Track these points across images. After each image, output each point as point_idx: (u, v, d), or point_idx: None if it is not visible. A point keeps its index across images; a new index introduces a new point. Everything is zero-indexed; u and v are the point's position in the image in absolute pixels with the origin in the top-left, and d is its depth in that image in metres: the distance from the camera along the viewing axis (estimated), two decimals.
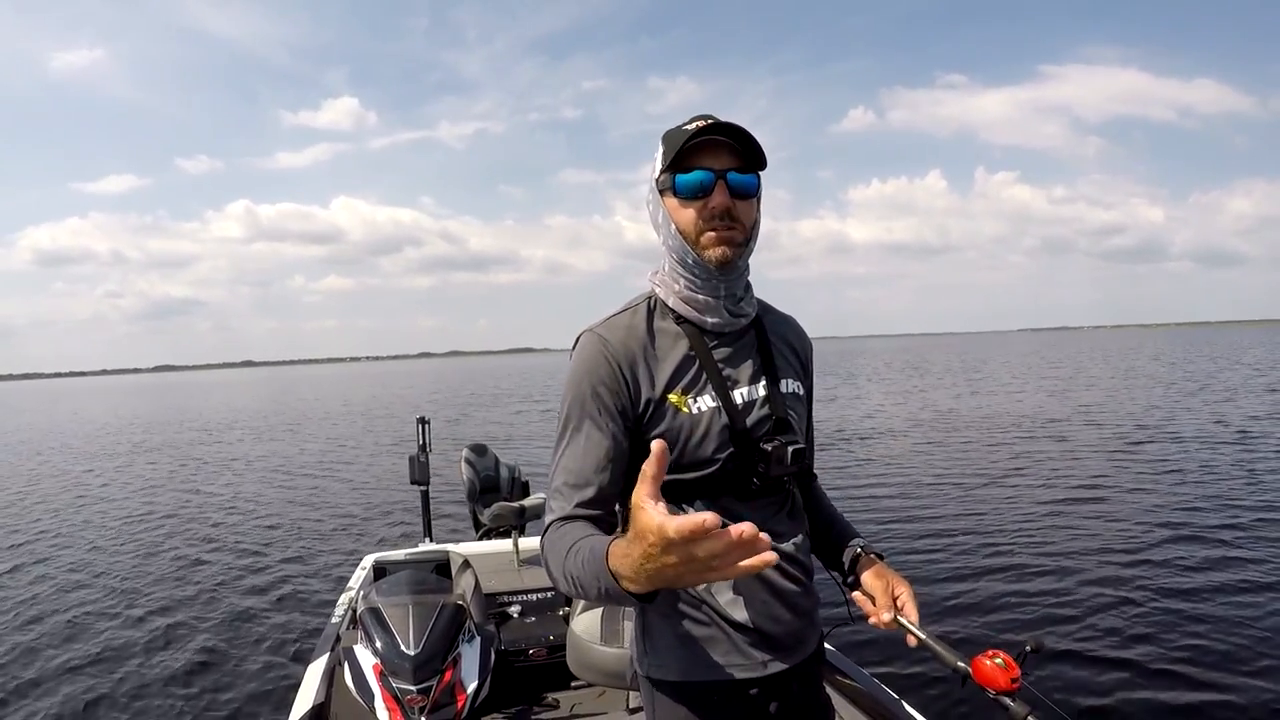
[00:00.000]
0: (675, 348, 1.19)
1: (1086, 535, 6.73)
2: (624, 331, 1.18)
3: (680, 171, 1.14)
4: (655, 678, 1.22)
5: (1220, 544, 6.23)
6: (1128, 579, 5.46)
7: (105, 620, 5.60)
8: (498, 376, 60.25)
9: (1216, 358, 38.73)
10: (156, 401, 47.32)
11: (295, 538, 8.06)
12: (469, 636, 2.43)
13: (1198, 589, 5.21)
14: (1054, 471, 9.77)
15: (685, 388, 1.17)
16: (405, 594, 2.44)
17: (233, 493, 11.20)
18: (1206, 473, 9.22)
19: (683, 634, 1.19)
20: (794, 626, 1.22)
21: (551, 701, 2.89)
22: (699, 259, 1.16)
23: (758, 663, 1.19)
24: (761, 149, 1.13)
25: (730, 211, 1.13)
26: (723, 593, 1.18)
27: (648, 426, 1.15)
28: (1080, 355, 51.70)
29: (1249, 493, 8.05)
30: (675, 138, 1.15)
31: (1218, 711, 3.67)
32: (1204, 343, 69.85)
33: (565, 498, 1.12)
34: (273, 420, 26.07)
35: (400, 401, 33.99)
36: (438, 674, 2.23)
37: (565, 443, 1.15)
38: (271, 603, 5.85)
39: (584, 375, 1.15)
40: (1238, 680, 3.92)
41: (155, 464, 15.30)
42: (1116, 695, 3.82)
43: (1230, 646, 4.30)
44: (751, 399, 1.21)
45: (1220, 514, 7.20)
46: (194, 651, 4.89)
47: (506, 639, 3.02)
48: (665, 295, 1.22)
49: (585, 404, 1.14)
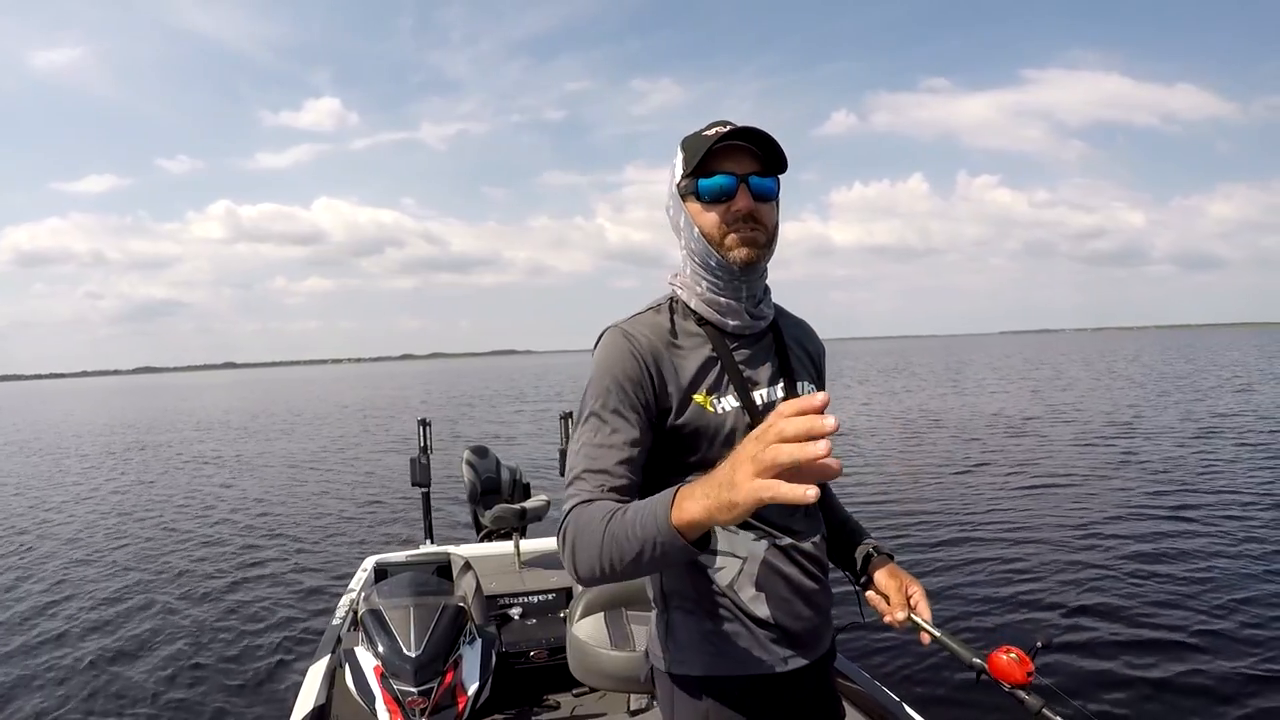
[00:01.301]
0: (699, 349, 1.21)
1: (1085, 527, 6.82)
2: (649, 328, 1.20)
3: (703, 176, 1.17)
4: (677, 673, 1.23)
5: (1224, 535, 6.34)
6: (1129, 570, 5.54)
7: (105, 621, 5.59)
8: (487, 378, 60.34)
9: (1205, 359, 39.02)
10: (145, 403, 47.30)
11: (296, 539, 8.05)
12: (470, 638, 2.43)
13: (1201, 577, 5.31)
14: (1046, 469, 9.84)
15: (710, 388, 1.19)
16: (406, 596, 2.43)
17: (232, 494, 11.18)
18: (1205, 467, 9.39)
19: (706, 630, 1.21)
20: (813, 623, 1.25)
21: (552, 703, 2.88)
22: (723, 261, 1.19)
23: (779, 659, 1.21)
24: (783, 152, 1.17)
25: (753, 214, 1.17)
26: (745, 589, 1.20)
27: (674, 423, 1.16)
28: (1061, 357, 52.40)
29: (1251, 485, 8.18)
30: (697, 143, 1.18)
31: (1223, 692, 3.75)
32: (1185, 345, 70.50)
33: (590, 483, 1.10)
34: (269, 422, 26.07)
35: (396, 403, 34.02)
36: (439, 676, 2.22)
37: (589, 430, 1.14)
38: (272, 604, 5.84)
39: (610, 368, 1.16)
40: (1244, 663, 3.98)
41: (152, 465, 15.28)
42: (1125, 685, 3.88)
43: (1235, 629, 4.40)
44: (771, 400, 1.23)
45: (1225, 506, 7.35)
46: (195, 652, 4.89)
47: (507, 641, 3.01)
48: (687, 298, 1.24)
49: (611, 396, 1.14)
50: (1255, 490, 8.06)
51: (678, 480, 1.15)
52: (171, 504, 10.62)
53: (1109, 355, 51.95)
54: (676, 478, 1.15)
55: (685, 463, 1.18)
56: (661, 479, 1.18)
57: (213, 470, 14.13)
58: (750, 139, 1.16)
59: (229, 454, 16.62)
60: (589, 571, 1.02)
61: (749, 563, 1.20)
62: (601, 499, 1.07)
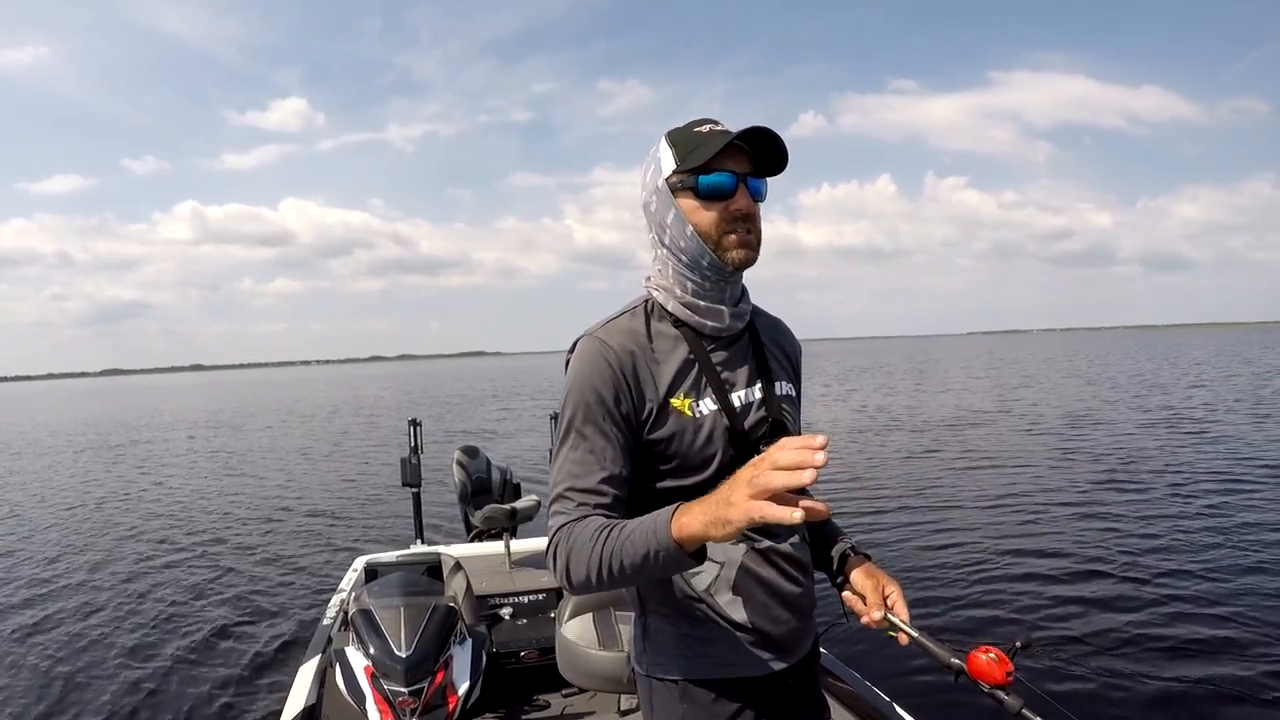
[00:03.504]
0: (675, 351, 1.19)
1: (1065, 528, 6.87)
2: (624, 335, 1.19)
3: (702, 173, 1.14)
4: (655, 676, 1.23)
5: (1207, 531, 6.44)
6: (1110, 572, 5.57)
7: (93, 621, 5.57)
8: (465, 379, 60.22)
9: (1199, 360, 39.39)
10: (119, 405, 46.85)
11: (286, 539, 8.03)
12: (460, 638, 2.43)
13: (1181, 575, 5.38)
14: (1024, 468, 9.89)
15: (687, 391, 1.18)
16: (397, 596, 2.43)
17: (222, 496, 11.12)
18: (1185, 467, 9.44)
19: (683, 633, 1.21)
20: (793, 627, 1.24)
21: (542, 703, 2.89)
22: (716, 261, 1.17)
23: (757, 662, 1.20)
24: (787, 156, 1.15)
25: (751, 214, 1.16)
26: (722, 593, 1.19)
27: (652, 429, 1.15)
28: (1030, 358, 52.74)
29: (1239, 487, 8.23)
30: (692, 139, 1.15)
31: (1202, 695, 3.77)
32: (1149, 344, 71.28)
33: (574, 500, 1.12)
34: (253, 423, 25.89)
35: (379, 404, 33.89)
36: (429, 676, 2.22)
37: (569, 447, 1.15)
38: (262, 604, 5.82)
39: (585, 380, 1.15)
40: (1224, 668, 4.00)
41: (137, 467, 15.19)
42: (1104, 685, 3.91)
43: (1214, 632, 4.43)
44: (749, 401, 1.22)
45: (1205, 504, 7.42)
46: (185, 652, 4.87)
47: (498, 641, 3.02)
48: (664, 299, 1.22)
49: (588, 409, 1.13)
50: (1245, 491, 8.10)
51: (661, 484, 1.16)
52: (160, 505, 10.55)
53: (1074, 355, 52.63)
54: (659, 481, 1.17)
55: (667, 467, 1.17)
56: (645, 483, 1.19)
57: (203, 472, 14.05)
58: (760, 140, 1.13)
59: (217, 456, 16.53)
60: (583, 585, 1.06)
61: (726, 568, 1.19)
62: (590, 515, 1.09)
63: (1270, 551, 5.83)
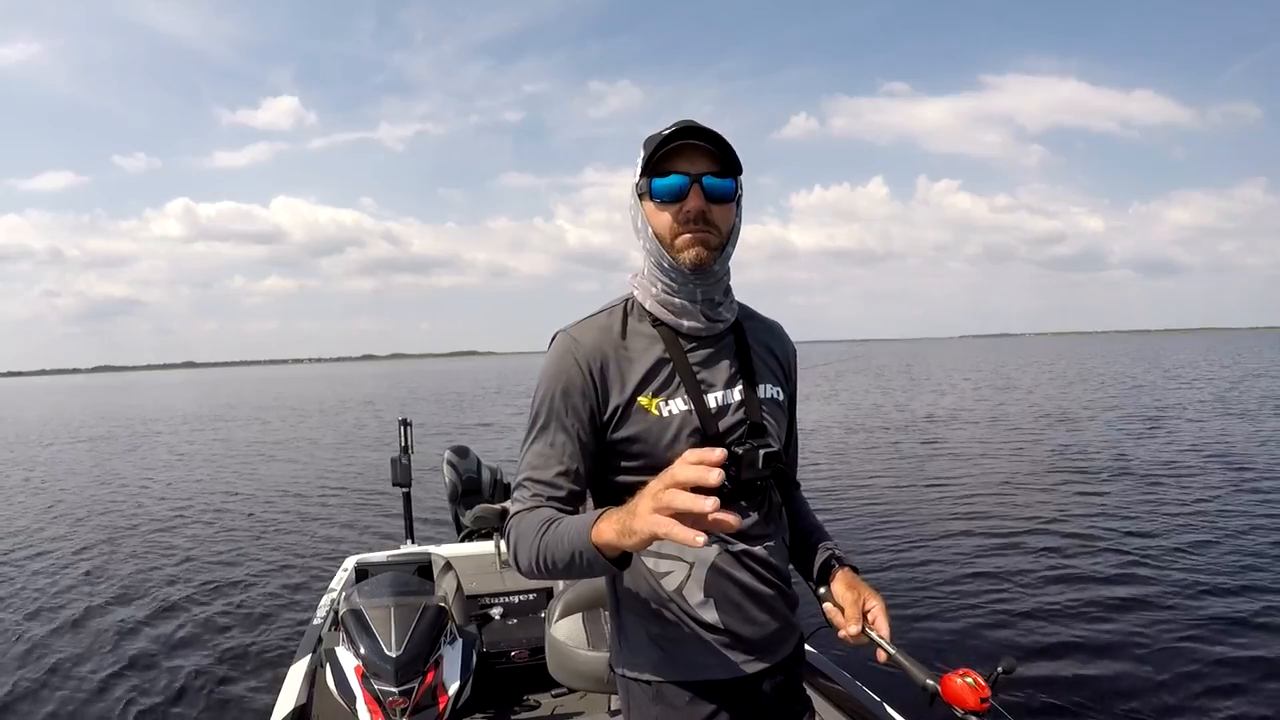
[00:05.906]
0: (649, 350, 1.20)
1: (1059, 550, 6.63)
2: (597, 333, 1.20)
3: (657, 176, 1.15)
4: (630, 676, 1.23)
5: (1197, 559, 6.21)
6: (1099, 600, 5.30)
7: (82, 619, 5.54)
8: (457, 379, 59.93)
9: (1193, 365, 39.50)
10: (113, 401, 46.53)
11: (276, 539, 8.00)
12: (451, 638, 2.44)
13: (1168, 605, 5.15)
14: (1030, 474, 9.90)
15: (656, 390, 1.18)
16: (387, 596, 2.43)
17: (213, 494, 11.06)
18: (1181, 486, 9.22)
19: (656, 634, 1.21)
20: (768, 629, 1.23)
21: (533, 703, 2.89)
22: (674, 262, 1.17)
23: (731, 664, 1.20)
24: (734, 151, 1.14)
25: (705, 215, 1.14)
26: (693, 594, 1.19)
27: (616, 428, 1.17)
28: (1020, 361, 52.65)
29: (1230, 514, 7.87)
30: (650, 142, 1.16)
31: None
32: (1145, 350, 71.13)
33: (530, 491, 1.17)
34: (244, 421, 25.78)
35: (373, 403, 33.76)
36: (419, 676, 2.22)
37: (532, 440, 1.19)
38: (252, 604, 5.80)
39: (553, 376, 1.18)
40: (1207, 701, 3.89)
41: (131, 464, 15.10)
42: (1086, 715, 3.79)
43: (1197, 663, 4.26)
44: (726, 403, 1.21)
45: (1194, 531, 7.13)
46: (174, 651, 4.85)
47: (488, 641, 3.02)
48: (643, 298, 1.23)
49: (553, 404, 1.17)
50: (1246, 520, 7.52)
51: (628, 480, 1.18)
52: (149, 504, 10.49)
53: (1062, 358, 52.53)
54: (627, 478, 1.18)
55: (633, 465, 1.18)
56: (608, 481, 1.21)
57: (193, 471, 13.96)
58: (699, 138, 1.13)
59: (206, 455, 16.42)
60: (528, 572, 1.11)
61: (697, 568, 1.18)
62: (542, 507, 1.14)
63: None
